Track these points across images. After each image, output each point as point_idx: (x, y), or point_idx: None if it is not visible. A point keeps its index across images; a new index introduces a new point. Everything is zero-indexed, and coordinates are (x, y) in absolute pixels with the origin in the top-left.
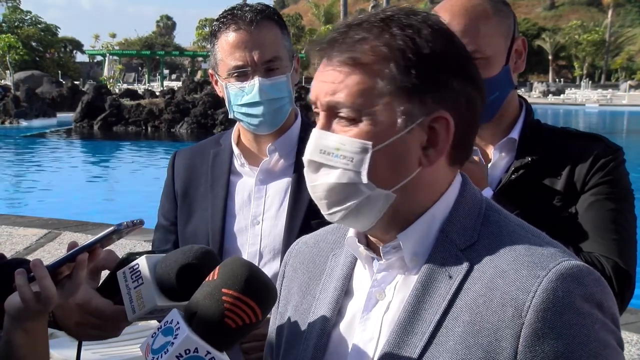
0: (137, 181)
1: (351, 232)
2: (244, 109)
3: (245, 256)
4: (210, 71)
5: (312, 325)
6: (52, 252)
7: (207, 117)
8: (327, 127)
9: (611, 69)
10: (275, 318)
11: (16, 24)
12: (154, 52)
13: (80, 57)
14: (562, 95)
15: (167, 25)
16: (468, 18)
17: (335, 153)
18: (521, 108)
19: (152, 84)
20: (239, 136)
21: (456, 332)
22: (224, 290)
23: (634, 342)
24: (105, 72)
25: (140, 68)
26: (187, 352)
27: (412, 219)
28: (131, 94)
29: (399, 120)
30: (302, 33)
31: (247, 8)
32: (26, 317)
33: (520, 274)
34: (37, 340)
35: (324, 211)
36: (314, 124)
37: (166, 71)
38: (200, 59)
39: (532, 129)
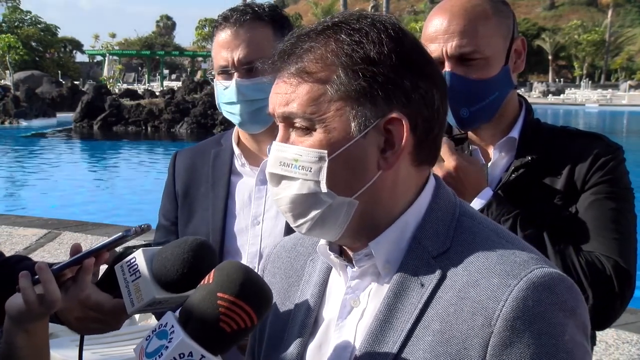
0: (137, 181)
1: (323, 239)
2: (226, 108)
3: (245, 256)
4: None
5: (290, 332)
6: (52, 252)
7: (207, 117)
8: (286, 139)
9: (611, 69)
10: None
11: (16, 24)
12: (154, 52)
13: (80, 57)
14: (562, 95)
15: (167, 25)
16: (467, 18)
17: (294, 164)
18: (521, 107)
19: (152, 84)
20: (239, 136)
21: (426, 341)
22: (219, 294)
23: (634, 342)
24: (105, 72)
25: (140, 68)
26: (182, 355)
27: (381, 225)
28: (131, 94)
29: (353, 126)
30: None
31: (241, 8)
32: (28, 319)
33: (492, 283)
34: (38, 341)
35: (292, 224)
36: None
37: (166, 71)
38: (200, 59)
39: (532, 128)
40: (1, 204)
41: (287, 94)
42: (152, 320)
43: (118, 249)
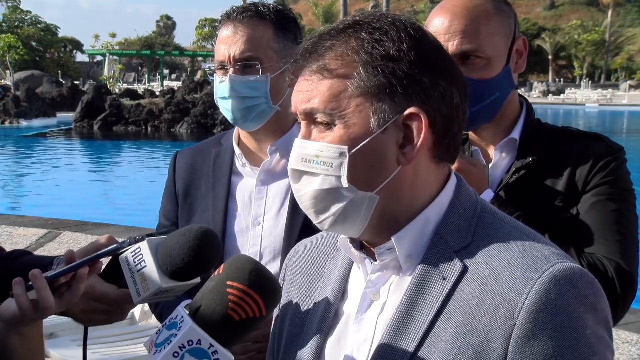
0: (137, 181)
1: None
2: (221, 102)
3: None
4: None
5: (309, 327)
6: (52, 252)
7: (207, 117)
8: (308, 135)
9: (611, 69)
10: (277, 321)
11: (16, 24)
12: (154, 52)
13: (80, 57)
14: (562, 95)
15: (167, 25)
16: (469, 18)
17: (315, 160)
18: (522, 108)
19: (152, 84)
20: (240, 136)
21: (448, 332)
22: (228, 282)
23: (634, 342)
24: (106, 72)
25: (140, 68)
26: (190, 343)
27: (402, 220)
28: (131, 94)
29: (373, 121)
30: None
31: (245, 6)
32: (22, 324)
33: (514, 276)
34: (32, 343)
35: (314, 220)
36: None
37: (166, 71)
38: (200, 59)
39: (533, 129)
40: (1, 204)
41: (308, 92)
42: (152, 320)
43: (121, 240)
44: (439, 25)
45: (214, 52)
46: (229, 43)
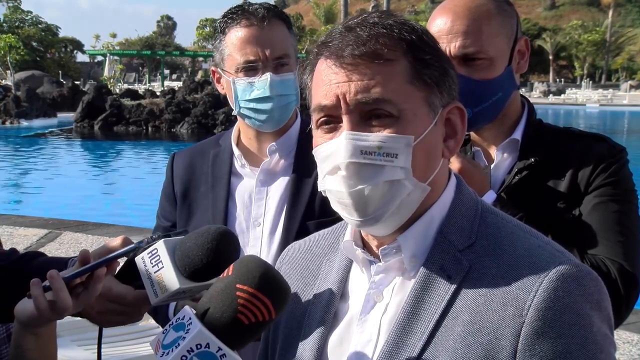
0: (137, 181)
1: (347, 236)
2: (253, 104)
3: None
4: (212, 68)
5: (308, 329)
6: (53, 252)
7: (207, 117)
8: (359, 127)
9: (612, 69)
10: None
11: (17, 24)
12: (155, 52)
13: (80, 57)
14: (562, 95)
15: (168, 25)
16: (471, 18)
17: (377, 152)
18: (523, 108)
19: (152, 84)
20: (238, 136)
21: (456, 331)
22: (238, 285)
23: (635, 342)
24: (106, 72)
25: (140, 68)
26: (199, 346)
27: (413, 218)
28: (132, 94)
29: (428, 112)
30: (303, 33)
31: (257, 6)
32: (38, 325)
33: (521, 274)
34: (46, 342)
35: (359, 217)
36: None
37: (167, 71)
38: (200, 59)
39: (535, 130)
40: (2, 204)
41: (363, 81)
42: (152, 320)
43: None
44: (441, 25)
45: (218, 52)
46: (261, 43)
